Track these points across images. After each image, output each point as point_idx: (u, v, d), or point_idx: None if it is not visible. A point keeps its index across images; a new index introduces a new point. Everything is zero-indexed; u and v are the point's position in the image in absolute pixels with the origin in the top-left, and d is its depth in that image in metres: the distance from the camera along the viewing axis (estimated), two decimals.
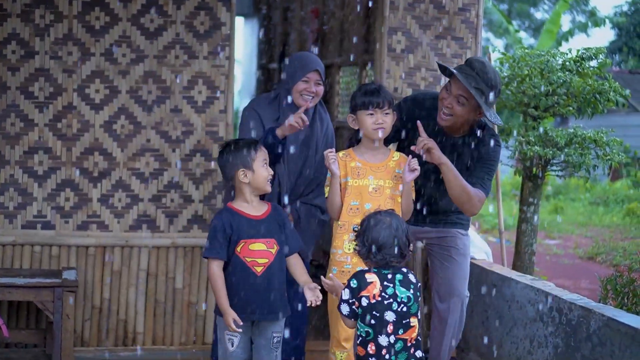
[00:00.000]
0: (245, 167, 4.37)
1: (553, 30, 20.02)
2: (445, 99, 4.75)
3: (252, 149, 4.39)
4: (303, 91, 5.05)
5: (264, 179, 4.39)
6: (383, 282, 3.76)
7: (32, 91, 5.45)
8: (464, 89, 4.67)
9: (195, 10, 5.63)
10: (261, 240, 4.35)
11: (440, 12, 6.10)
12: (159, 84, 5.59)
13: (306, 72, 5.04)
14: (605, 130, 6.82)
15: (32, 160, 5.47)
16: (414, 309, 3.78)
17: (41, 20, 5.44)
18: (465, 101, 4.70)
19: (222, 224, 4.33)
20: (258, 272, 4.33)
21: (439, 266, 5.03)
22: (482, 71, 4.68)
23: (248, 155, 4.38)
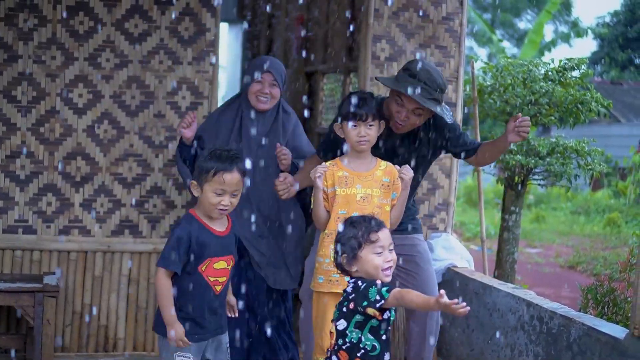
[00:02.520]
0: (197, 181, 4.03)
1: (536, 40, 20.13)
2: (399, 113, 4.65)
3: (214, 169, 3.96)
4: (257, 93, 5.05)
5: (209, 205, 4.00)
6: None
7: (14, 95, 5.44)
8: (418, 104, 4.60)
9: (180, 15, 5.63)
10: (224, 258, 4.08)
11: (425, 20, 6.11)
12: (142, 89, 5.59)
13: (260, 74, 5.04)
14: (587, 140, 6.87)
15: (14, 164, 5.46)
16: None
17: (25, 24, 5.43)
18: (422, 112, 4.66)
19: (189, 237, 3.99)
20: (217, 291, 4.09)
21: (405, 276, 4.93)
22: (430, 80, 4.59)
23: (205, 172, 3.98)
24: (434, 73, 4.65)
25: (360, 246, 3.60)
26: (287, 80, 5.32)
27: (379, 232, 3.62)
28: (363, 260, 3.59)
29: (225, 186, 3.95)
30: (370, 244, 3.58)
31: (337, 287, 4.38)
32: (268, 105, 5.08)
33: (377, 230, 3.62)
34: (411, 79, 4.62)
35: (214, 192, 3.96)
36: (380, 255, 3.60)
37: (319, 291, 4.47)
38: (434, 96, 4.61)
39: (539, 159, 6.69)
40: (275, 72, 5.09)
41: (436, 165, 6.05)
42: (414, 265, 4.95)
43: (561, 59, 7.11)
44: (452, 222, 6.16)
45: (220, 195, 3.96)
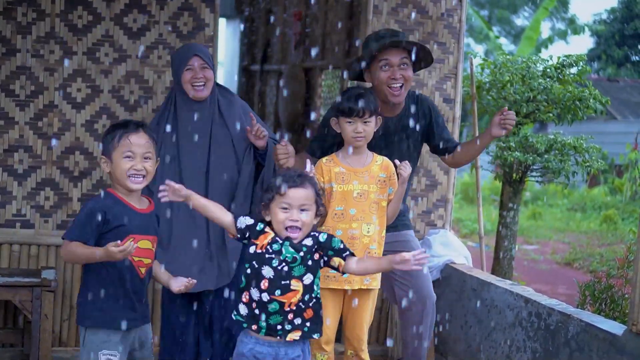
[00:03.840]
0: (105, 154, 3.82)
1: (533, 37, 20.13)
2: (390, 74, 4.68)
3: (118, 134, 3.78)
4: (192, 80, 4.78)
5: (121, 173, 3.77)
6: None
7: (13, 89, 5.42)
8: (402, 53, 4.69)
9: (179, 10, 5.62)
10: (148, 237, 3.84)
11: (423, 17, 6.11)
12: (141, 84, 5.58)
13: (186, 61, 4.78)
14: (585, 137, 6.88)
15: (12, 158, 5.44)
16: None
17: (23, 18, 5.41)
18: (408, 61, 4.73)
19: (103, 211, 3.73)
20: (142, 273, 3.84)
21: (400, 272, 4.76)
22: (393, 30, 4.78)
23: (110, 140, 3.79)
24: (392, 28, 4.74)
25: (272, 198, 3.64)
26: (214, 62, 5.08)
27: (292, 189, 3.62)
28: (272, 212, 3.65)
29: (134, 147, 3.77)
30: (279, 197, 3.61)
31: (333, 282, 4.38)
32: (206, 91, 4.81)
33: (292, 186, 3.62)
34: (380, 38, 4.74)
35: (124, 157, 3.76)
36: (285, 212, 3.61)
37: None
38: (405, 38, 4.75)
39: (537, 156, 6.70)
40: (202, 54, 4.82)
41: (435, 161, 6.05)
42: None
43: (559, 55, 7.12)
44: (450, 218, 6.16)
45: (131, 159, 3.77)
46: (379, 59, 4.72)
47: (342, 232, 4.35)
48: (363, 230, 4.34)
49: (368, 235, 4.34)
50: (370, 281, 4.39)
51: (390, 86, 4.71)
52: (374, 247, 4.37)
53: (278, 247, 3.62)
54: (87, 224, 3.71)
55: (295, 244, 3.63)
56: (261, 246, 3.63)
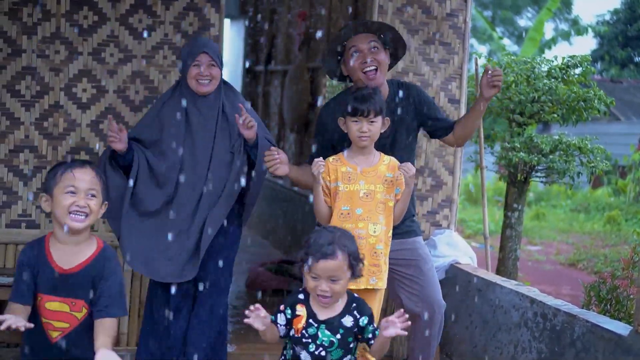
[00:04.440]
0: (46, 191, 3.55)
1: (536, 38, 20.12)
2: (361, 60, 4.66)
3: (61, 169, 3.51)
4: (197, 76, 4.81)
5: (62, 209, 3.46)
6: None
7: (18, 89, 5.42)
8: (370, 37, 4.68)
9: (184, 10, 5.62)
10: (64, 300, 3.48)
11: (428, 17, 6.11)
12: (146, 84, 5.58)
13: (195, 56, 4.80)
14: (590, 137, 6.87)
15: (18, 159, 5.44)
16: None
17: (29, 18, 5.41)
18: (378, 45, 4.70)
19: (29, 263, 3.48)
20: (53, 337, 3.51)
21: (408, 281, 4.82)
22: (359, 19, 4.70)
23: (52, 177, 3.52)
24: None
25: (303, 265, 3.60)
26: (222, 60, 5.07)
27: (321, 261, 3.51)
28: (304, 277, 3.59)
29: (77, 182, 3.48)
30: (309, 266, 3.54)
31: None
32: (210, 87, 4.84)
33: (320, 258, 3.51)
34: (346, 29, 4.73)
35: (65, 192, 3.48)
36: (315, 281, 3.54)
37: None
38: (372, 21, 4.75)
39: (541, 156, 6.68)
40: (211, 52, 4.83)
41: (440, 162, 6.05)
42: (416, 270, 4.83)
43: (564, 56, 7.11)
44: (455, 219, 6.16)
45: (73, 195, 3.47)
46: (348, 47, 4.72)
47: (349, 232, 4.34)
48: (369, 230, 4.34)
49: (374, 235, 4.33)
50: (376, 281, 4.38)
51: (364, 71, 4.68)
52: (381, 247, 4.37)
53: (314, 331, 3.55)
54: (19, 283, 3.47)
55: (332, 325, 3.54)
56: (297, 330, 3.55)
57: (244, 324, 3.69)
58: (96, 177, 3.58)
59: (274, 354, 5.80)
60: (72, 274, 3.50)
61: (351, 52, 4.70)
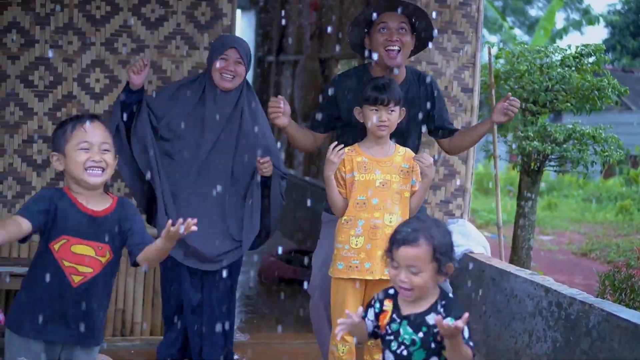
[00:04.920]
0: (57, 149, 3.46)
1: (547, 28, 20.06)
2: (387, 37, 4.65)
3: (70, 125, 3.43)
4: (222, 70, 4.80)
5: (77, 166, 3.40)
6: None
7: (32, 80, 5.42)
8: (401, 18, 4.65)
9: (197, 0, 5.61)
10: (89, 243, 3.43)
11: (442, 6, 6.09)
12: (159, 74, 5.57)
13: (224, 50, 4.79)
14: (604, 126, 6.84)
15: (31, 149, 5.45)
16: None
17: (42, 9, 5.41)
18: (407, 27, 4.69)
19: (51, 200, 3.40)
20: (75, 282, 3.42)
21: None
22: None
23: (62, 134, 3.43)
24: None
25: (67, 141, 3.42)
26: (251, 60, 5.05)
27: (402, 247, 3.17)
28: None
29: (89, 137, 3.40)
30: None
31: (356, 272, 4.36)
32: (232, 83, 4.83)
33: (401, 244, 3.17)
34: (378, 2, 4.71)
35: (79, 149, 3.41)
36: (395, 270, 3.20)
37: (338, 277, 4.44)
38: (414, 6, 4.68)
39: (555, 145, 6.66)
40: (240, 49, 4.82)
41: None
42: None
43: (578, 45, 7.08)
44: (468, 208, 6.15)
45: (87, 151, 3.40)
46: (378, 22, 4.71)
47: (364, 221, 4.34)
48: (385, 220, 4.33)
49: (390, 225, 4.32)
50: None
51: (387, 49, 4.67)
52: None
53: (396, 327, 3.22)
54: (33, 204, 3.39)
55: (415, 322, 3.19)
56: (382, 326, 3.27)
57: (256, 314, 3.66)
58: (106, 130, 3.52)
59: (285, 343, 5.84)
60: (101, 217, 3.46)
61: (379, 27, 4.69)
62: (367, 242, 4.34)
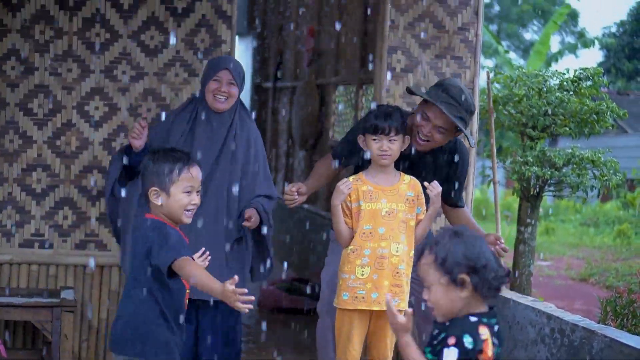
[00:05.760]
0: (159, 186, 3.62)
1: (542, 51, 20.12)
2: (423, 127, 4.58)
3: (177, 167, 3.62)
4: (215, 91, 4.78)
5: (179, 208, 3.62)
6: (492, 337, 2.80)
7: (31, 108, 5.42)
8: (445, 121, 4.53)
9: (196, 27, 5.61)
10: None
11: (440, 31, 6.09)
12: (158, 102, 5.57)
13: (217, 71, 4.78)
14: (603, 150, 6.84)
15: (31, 177, 5.43)
16: None
17: (41, 36, 5.42)
18: (445, 131, 4.60)
19: (177, 233, 3.64)
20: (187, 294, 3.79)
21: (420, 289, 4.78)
22: (461, 97, 4.54)
23: (168, 173, 3.61)
24: (466, 92, 4.60)
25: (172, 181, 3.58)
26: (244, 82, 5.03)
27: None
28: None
29: (194, 182, 3.65)
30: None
31: (362, 303, 4.32)
32: (225, 104, 4.81)
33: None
34: (442, 93, 4.57)
35: (184, 192, 3.62)
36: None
37: (344, 308, 4.39)
38: (461, 114, 4.56)
39: (554, 170, 6.65)
40: (233, 70, 4.81)
41: None
42: None
43: (576, 69, 7.09)
44: None
45: (190, 194, 3.64)
46: (423, 105, 4.63)
47: (371, 251, 4.31)
48: (392, 250, 4.30)
49: (397, 254, 4.30)
50: (398, 302, 4.33)
51: (419, 135, 4.61)
52: (403, 268, 4.33)
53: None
54: (178, 244, 3.57)
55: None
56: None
57: (256, 343, 3.64)
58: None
59: None
60: None
61: (422, 114, 4.58)
62: (373, 272, 4.30)
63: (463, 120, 4.57)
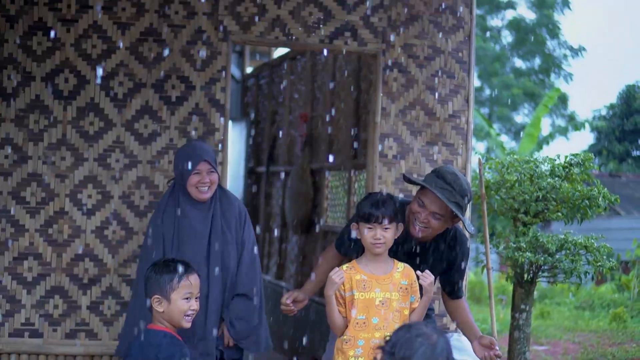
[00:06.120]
0: (161, 294, 3.90)
1: (534, 134, 20.29)
2: (419, 213, 4.58)
3: (177, 275, 3.91)
4: (197, 184, 4.83)
5: (179, 313, 3.92)
6: None
7: (24, 196, 5.42)
8: (440, 206, 4.53)
9: (189, 115, 5.66)
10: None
11: (431, 118, 6.15)
12: (151, 189, 5.57)
13: (195, 165, 4.83)
14: (596, 236, 6.82)
15: (22, 266, 5.40)
16: None
17: (35, 125, 5.45)
18: (442, 217, 4.59)
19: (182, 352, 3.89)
20: None
21: None
22: (456, 183, 4.55)
23: (169, 281, 3.91)
24: (461, 178, 4.60)
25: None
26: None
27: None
28: None
29: (193, 288, 3.95)
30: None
31: None
32: (209, 193, 4.87)
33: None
34: (437, 179, 4.59)
35: (183, 298, 3.92)
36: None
37: None
38: (456, 200, 4.56)
39: (548, 256, 6.63)
40: (211, 159, 4.87)
41: None
42: None
43: (567, 155, 7.13)
44: None
45: (189, 300, 3.94)
46: (419, 193, 4.64)
47: (364, 341, 4.23)
48: None
49: None
50: None
51: (415, 222, 4.60)
52: None
53: None
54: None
55: None
56: None
57: None
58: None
59: None
60: None
61: (418, 201, 4.60)
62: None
63: (459, 206, 4.57)
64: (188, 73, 5.66)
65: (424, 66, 6.14)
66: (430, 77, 6.15)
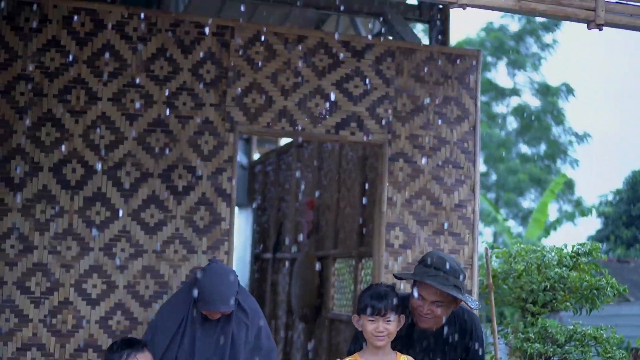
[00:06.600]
0: None
1: (541, 220, 20.26)
2: (421, 307, 4.52)
3: (126, 352, 4.13)
4: (213, 313, 4.71)
5: None
6: None
7: (28, 286, 5.39)
8: (439, 294, 4.48)
9: (196, 205, 5.67)
10: None
11: (437, 208, 6.16)
12: (157, 279, 5.55)
13: (210, 311, 4.68)
14: (605, 326, 6.75)
15: (25, 357, 5.34)
16: None
17: (42, 215, 5.46)
18: (442, 303, 4.55)
19: None
20: None
21: None
22: (445, 266, 4.51)
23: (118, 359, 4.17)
24: (448, 259, 4.58)
25: None
26: None
27: None
28: None
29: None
30: None
31: None
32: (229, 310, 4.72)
33: None
34: (427, 268, 4.55)
35: None
36: None
37: None
38: (452, 282, 4.53)
39: (557, 347, 6.55)
40: (226, 310, 4.67)
41: None
42: None
43: (574, 244, 7.10)
44: None
45: None
46: (415, 286, 4.59)
47: None
48: None
49: None
50: None
51: (419, 316, 4.56)
52: None
53: None
54: None
55: None
56: None
57: None
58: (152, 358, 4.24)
59: None
60: None
61: (416, 291, 4.56)
62: None
63: (457, 288, 4.54)
64: (195, 163, 5.69)
65: (430, 156, 6.17)
66: (436, 167, 6.18)
